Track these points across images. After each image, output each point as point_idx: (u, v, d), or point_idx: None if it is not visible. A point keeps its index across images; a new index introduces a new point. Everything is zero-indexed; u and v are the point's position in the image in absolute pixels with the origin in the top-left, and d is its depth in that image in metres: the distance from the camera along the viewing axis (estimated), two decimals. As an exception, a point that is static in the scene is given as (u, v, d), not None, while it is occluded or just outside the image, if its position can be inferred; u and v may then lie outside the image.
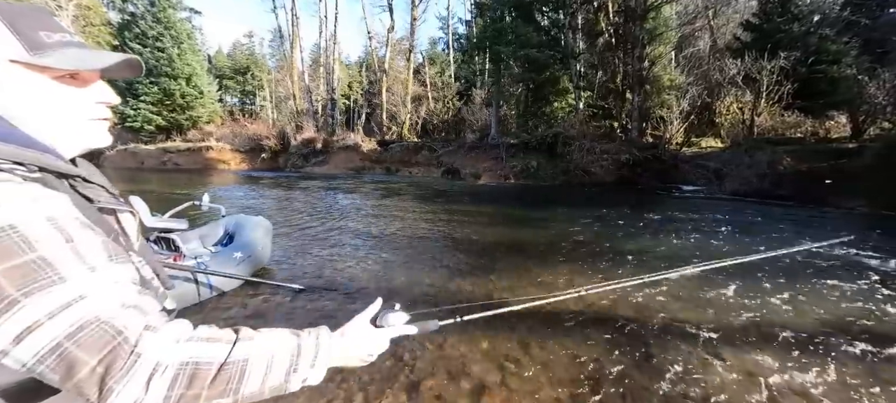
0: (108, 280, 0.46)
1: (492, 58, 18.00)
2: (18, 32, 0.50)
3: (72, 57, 0.53)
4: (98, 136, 0.59)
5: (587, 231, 6.03)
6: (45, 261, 0.42)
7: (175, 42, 22.71)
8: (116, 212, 0.61)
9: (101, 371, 0.42)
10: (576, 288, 1.43)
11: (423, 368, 2.34)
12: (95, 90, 0.57)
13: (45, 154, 0.51)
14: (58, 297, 0.41)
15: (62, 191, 0.50)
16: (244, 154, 22.03)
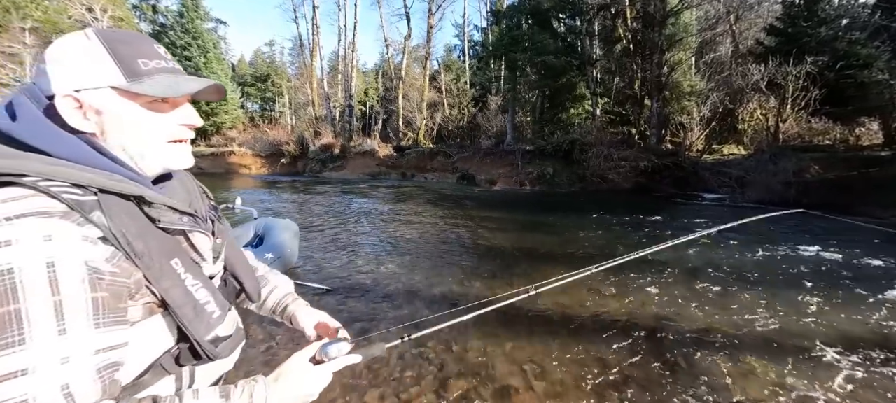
0: (65, 354, 0.43)
1: (508, 65, 18.08)
2: (119, 60, 0.53)
3: (164, 84, 0.55)
4: (179, 158, 0.61)
5: (604, 237, 6.02)
6: (18, 317, 0.40)
7: (202, 51, 23.67)
8: (186, 232, 0.60)
9: None
10: (528, 286, 1.44)
11: (449, 369, 2.42)
12: (181, 113, 0.60)
13: (114, 175, 0.52)
14: (5, 365, 0.40)
15: (111, 213, 0.49)
16: (264, 158, 22.67)
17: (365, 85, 33.99)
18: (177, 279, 0.55)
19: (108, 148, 0.55)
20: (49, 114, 0.52)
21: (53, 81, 0.51)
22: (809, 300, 3.50)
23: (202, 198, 0.72)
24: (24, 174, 0.46)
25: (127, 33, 0.57)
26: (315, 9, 24.10)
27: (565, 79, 16.39)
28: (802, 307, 3.36)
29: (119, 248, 0.49)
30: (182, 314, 0.55)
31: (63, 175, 0.48)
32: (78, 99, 0.52)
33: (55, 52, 0.52)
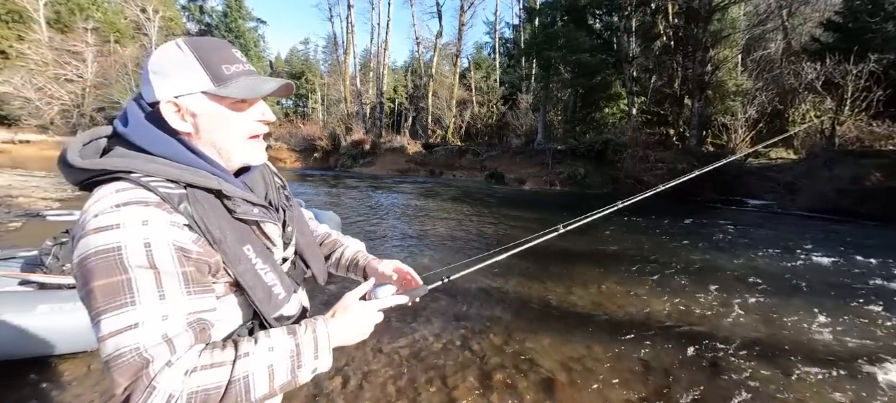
0: (164, 312, 0.52)
1: (540, 63, 17.84)
2: (207, 67, 0.61)
3: (245, 86, 0.63)
4: (255, 154, 0.69)
5: (639, 240, 5.88)
6: (128, 285, 0.51)
7: (243, 50, 24.76)
8: (259, 223, 0.68)
9: (126, 395, 0.49)
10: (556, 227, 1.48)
11: (493, 361, 2.49)
12: (257, 110, 0.68)
13: (199, 172, 0.61)
14: (122, 321, 0.50)
15: (197, 203, 0.59)
16: (298, 153, 23.53)
17: (395, 82, 34.51)
18: (248, 263, 0.63)
19: (200, 146, 0.64)
20: (152, 119, 0.61)
21: (156, 90, 0.60)
22: (871, 312, 3.30)
23: (277, 189, 0.80)
24: (130, 171, 0.56)
25: (212, 41, 0.65)
26: (350, 8, 24.70)
27: (600, 77, 15.99)
28: (866, 321, 3.18)
29: (201, 234, 0.58)
30: (253, 294, 0.63)
31: (159, 172, 0.58)
32: (177, 104, 0.61)
33: (155, 63, 0.61)
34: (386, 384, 2.22)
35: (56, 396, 1.98)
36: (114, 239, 0.51)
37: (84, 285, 0.51)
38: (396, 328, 2.90)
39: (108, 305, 0.50)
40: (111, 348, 0.49)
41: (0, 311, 1.91)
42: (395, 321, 3.01)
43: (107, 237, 0.51)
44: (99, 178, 0.57)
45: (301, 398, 2.09)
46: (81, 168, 0.57)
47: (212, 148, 0.64)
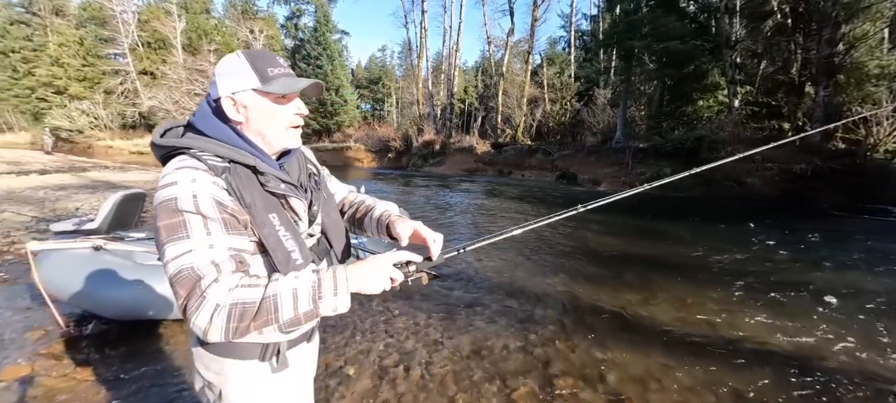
0: (210, 243, 0.67)
1: (621, 54, 16.49)
2: (256, 70, 0.77)
3: (284, 84, 0.78)
4: (292, 140, 0.84)
5: (734, 251, 5.09)
6: (183, 223, 0.67)
7: (329, 60, 27.30)
8: (286, 196, 0.81)
9: (184, 303, 0.64)
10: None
11: (556, 367, 2.39)
12: (295, 105, 0.83)
13: (240, 150, 0.76)
14: (179, 248, 0.66)
15: (236, 174, 0.73)
16: (374, 153, 25.10)
17: (465, 83, 34.85)
18: (272, 228, 0.76)
19: (247, 134, 0.80)
20: (213, 111, 0.79)
21: (219, 88, 0.77)
22: None
23: (309, 175, 0.94)
24: (189, 147, 0.74)
25: (261, 52, 0.81)
26: (424, 13, 25.59)
27: (693, 66, 14.21)
28: None
29: (236, 198, 0.73)
30: (274, 255, 0.75)
31: (210, 149, 0.74)
32: (233, 99, 0.77)
33: (220, 69, 0.78)
34: (446, 377, 2.27)
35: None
36: (172, 192, 0.67)
37: (155, 225, 0.69)
38: (458, 324, 2.95)
39: (169, 238, 0.66)
40: (174, 268, 0.65)
41: (150, 280, 2.47)
42: (457, 315, 3.06)
43: (168, 191, 0.68)
44: (172, 153, 0.75)
45: (367, 380, 2.25)
46: (161, 145, 0.77)
47: (257, 135, 0.80)
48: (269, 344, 0.85)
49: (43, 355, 2.40)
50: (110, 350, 2.45)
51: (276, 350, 0.86)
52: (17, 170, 14.53)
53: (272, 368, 0.86)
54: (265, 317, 0.65)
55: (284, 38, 35.44)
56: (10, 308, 3.01)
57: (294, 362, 0.91)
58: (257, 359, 0.85)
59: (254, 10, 38.12)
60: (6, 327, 2.72)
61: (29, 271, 2.62)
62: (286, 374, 0.89)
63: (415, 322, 2.97)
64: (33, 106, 29.38)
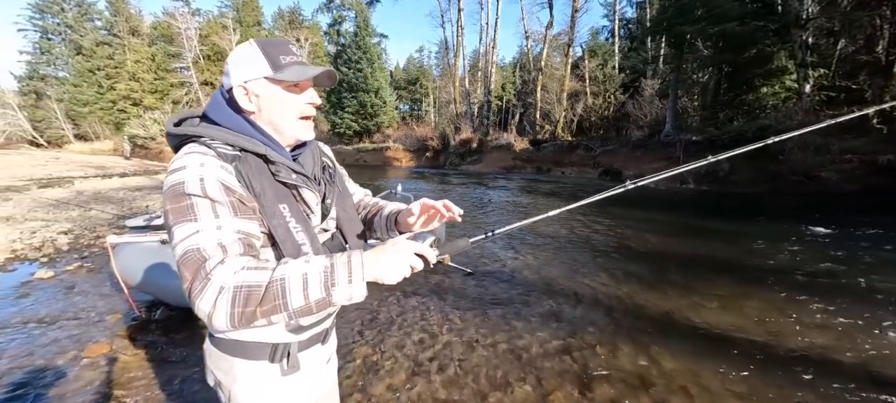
0: (218, 224, 0.65)
1: (671, 41, 15.45)
2: (268, 57, 0.75)
3: (296, 72, 0.76)
4: (305, 131, 0.82)
5: (807, 252, 4.56)
6: (191, 206, 0.65)
7: (369, 63, 28.14)
8: (298, 187, 0.79)
9: (190, 286, 0.61)
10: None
11: (595, 372, 2.29)
12: (307, 95, 0.81)
13: (252, 139, 0.75)
14: (186, 230, 0.64)
15: (246, 163, 0.72)
16: (412, 153, 25.54)
17: (502, 79, 34.39)
18: (282, 219, 0.74)
19: (260, 123, 0.78)
20: (225, 101, 0.78)
21: (232, 78, 0.76)
22: None
23: (323, 168, 0.91)
24: (200, 136, 0.74)
25: (274, 39, 0.79)
26: (460, 11, 25.57)
27: (755, 49, 12.95)
28: None
29: (246, 186, 0.71)
30: (283, 247, 0.73)
31: (220, 137, 0.73)
32: (245, 88, 0.76)
33: (232, 59, 0.77)
34: (480, 374, 2.26)
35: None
36: (180, 177, 0.67)
37: (163, 208, 0.69)
38: (493, 321, 2.92)
39: (177, 220, 0.66)
40: (181, 250, 0.64)
41: None
42: (492, 313, 3.03)
43: (176, 175, 0.68)
44: (184, 142, 0.76)
45: (402, 374, 2.29)
46: (174, 134, 0.77)
47: (269, 125, 0.79)
48: (279, 344, 0.82)
49: (119, 336, 2.70)
50: (174, 334, 2.70)
51: (286, 351, 0.83)
52: (103, 173, 16.44)
53: (282, 370, 0.83)
54: (272, 303, 0.61)
55: (327, 45, 37.08)
56: (95, 294, 3.43)
57: (306, 365, 0.87)
58: (267, 360, 0.82)
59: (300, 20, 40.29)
60: (91, 310, 3.09)
61: (109, 262, 2.96)
62: (298, 378, 0.85)
63: (449, 318, 2.98)
64: (115, 116, 33.16)
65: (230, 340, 0.81)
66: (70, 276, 3.89)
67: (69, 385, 2.17)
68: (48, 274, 3.88)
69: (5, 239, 5.07)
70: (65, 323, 2.87)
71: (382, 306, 3.14)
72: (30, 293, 3.44)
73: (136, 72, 33.26)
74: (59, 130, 33.08)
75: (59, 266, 4.18)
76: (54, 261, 4.35)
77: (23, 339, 2.64)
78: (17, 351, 2.49)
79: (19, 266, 4.21)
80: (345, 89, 28.14)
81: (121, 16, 34.07)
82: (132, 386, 2.16)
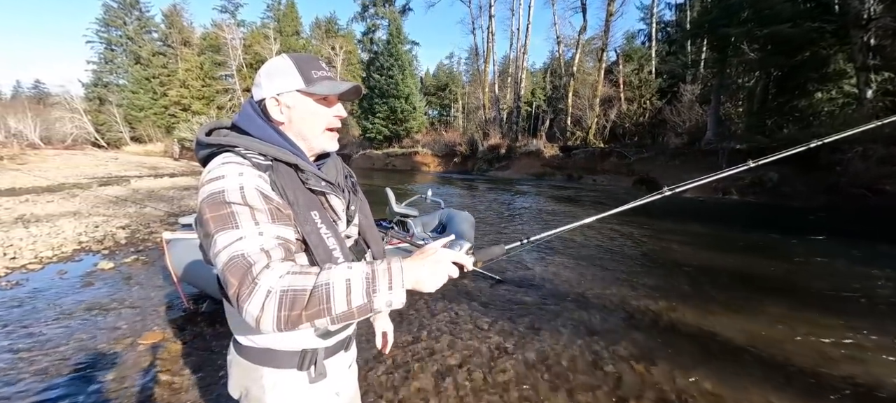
0: (260, 231, 0.67)
1: (713, 44, 14.71)
2: (301, 72, 0.79)
3: (327, 86, 0.80)
4: (330, 142, 0.86)
5: (880, 277, 4.17)
6: (232, 213, 0.67)
7: (400, 70, 28.74)
8: (325, 194, 0.83)
9: (237, 291, 0.62)
10: None
11: (628, 388, 2.22)
12: (335, 108, 0.85)
13: (283, 150, 0.77)
14: (230, 237, 0.66)
15: (279, 172, 0.75)
16: (441, 158, 25.73)
17: (533, 85, 34.03)
18: (314, 225, 0.76)
19: (289, 134, 0.81)
20: (256, 112, 0.81)
21: (264, 89, 0.80)
22: None
23: (345, 177, 0.95)
24: (235, 146, 0.75)
25: (306, 55, 0.83)
26: (491, 18, 25.64)
27: (809, 52, 12.07)
28: None
29: (281, 195, 0.74)
30: (316, 253, 0.75)
31: (254, 147, 0.76)
32: (278, 99, 0.80)
33: (268, 69, 0.80)
34: (509, 383, 2.24)
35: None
36: (220, 185, 0.69)
37: (201, 218, 0.70)
38: (522, 330, 2.89)
39: (219, 228, 0.67)
40: (225, 257, 0.65)
41: None
42: (522, 322, 3.00)
43: (215, 185, 0.69)
44: (216, 152, 0.77)
45: (431, 377, 2.31)
46: (206, 144, 0.79)
47: (298, 136, 0.82)
48: (307, 351, 0.85)
49: (171, 325, 2.90)
50: (220, 326, 2.88)
51: (313, 358, 0.86)
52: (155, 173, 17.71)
53: (310, 378, 0.85)
54: (317, 307, 0.62)
55: (361, 52, 38.24)
56: (149, 285, 3.71)
57: (332, 372, 0.90)
58: (295, 368, 0.84)
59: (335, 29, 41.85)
60: (146, 300, 3.35)
61: (163, 256, 3.20)
62: (325, 385, 0.88)
63: (479, 325, 2.98)
64: (166, 121, 35.81)
65: (258, 348, 0.84)
66: (127, 268, 4.23)
67: (126, 368, 2.36)
68: (109, 265, 4.25)
69: (73, 232, 5.59)
70: (123, 311, 3.13)
71: (412, 309, 3.19)
72: (93, 282, 3.78)
73: (186, 80, 35.83)
74: (118, 133, 36.11)
75: (118, 258, 4.56)
76: (114, 254, 4.75)
77: (88, 325, 2.91)
78: (82, 335, 2.74)
79: (85, 256, 4.64)
80: (376, 95, 28.85)
81: (175, 28, 36.87)
82: (181, 373, 2.32)
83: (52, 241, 5.07)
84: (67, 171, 16.07)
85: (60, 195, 9.61)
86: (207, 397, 2.10)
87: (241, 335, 0.86)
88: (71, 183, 12.83)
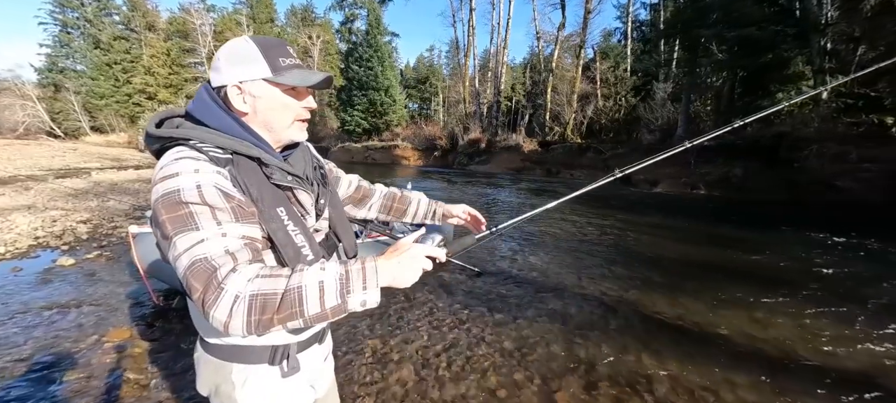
0: (222, 232, 0.62)
1: (685, 44, 15.27)
2: (268, 59, 0.72)
3: (297, 76, 0.74)
4: (299, 134, 0.80)
5: (835, 268, 4.49)
6: (190, 215, 0.62)
7: (380, 61, 28.29)
8: (292, 189, 0.77)
9: (202, 296, 0.58)
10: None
11: (600, 371, 2.31)
12: (306, 100, 0.79)
13: (244, 143, 0.71)
14: (190, 239, 0.61)
15: (240, 167, 0.70)
16: (421, 152, 25.60)
17: (513, 80, 34.29)
18: (280, 223, 0.72)
19: (252, 125, 0.75)
20: (214, 100, 0.73)
21: (225, 76, 0.72)
22: None
23: (314, 169, 0.89)
24: (189, 139, 0.69)
25: (272, 39, 0.75)
26: (472, 12, 25.56)
27: (772, 54, 12.73)
28: None
29: (243, 191, 0.69)
30: (284, 251, 0.71)
31: (211, 140, 0.69)
32: (240, 88, 0.72)
33: (226, 55, 0.73)
34: (487, 372, 2.29)
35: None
36: (174, 184, 0.63)
37: (156, 219, 0.64)
38: (500, 320, 2.94)
39: (177, 230, 0.62)
40: (187, 261, 0.60)
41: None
42: (500, 312, 3.06)
43: (169, 183, 0.63)
44: (168, 145, 0.71)
45: (411, 368, 2.33)
46: (156, 136, 0.71)
47: (263, 127, 0.76)
48: (279, 346, 0.82)
49: (139, 322, 2.79)
50: (190, 321, 2.78)
51: (285, 352, 0.82)
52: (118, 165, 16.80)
53: (282, 372, 0.82)
54: (289, 310, 0.60)
55: (339, 42, 37.37)
56: (114, 281, 3.54)
57: (306, 365, 0.87)
58: (267, 363, 0.81)
59: (312, 17, 40.66)
60: (112, 297, 3.20)
61: (129, 251, 3.05)
62: (298, 379, 0.85)
63: (457, 316, 3.02)
64: (130, 110, 33.88)
65: (227, 345, 0.80)
66: (90, 264, 4.02)
67: (92, 367, 2.26)
68: (69, 261, 4.02)
69: (28, 227, 5.25)
70: (86, 309, 2.98)
71: (392, 302, 3.19)
72: (52, 279, 3.57)
73: (151, 67, 33.95)
74: (76, 122, 33.90)
75: (79, 253, 4.32)
76: (75, 249, 4.50)
77: (48, 323, 2.75)
78: (42, 334, 2.60)
79: (42, 252, 4.37)
80: (355, 87, 28.34)
81: (138, 11, 34.79)
82: (149, 371, 2.24)
83: (4, 237, 4.74)
84: (20, 162, 15.00)
85: (12, 188, 8.97)
86: (178, 395, 2.04)
87: (208, 333, 0.82)
88: (24, 174, 11.98)
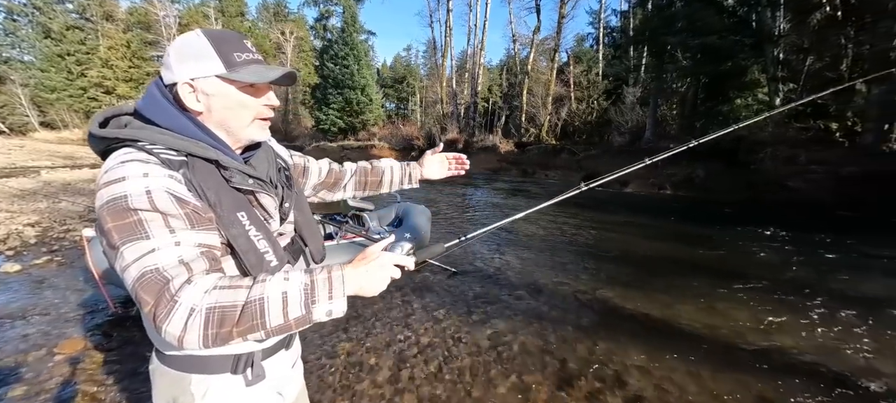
0: (176, 240, 0.58)
1: (652, 50, 15.93)
2: (221, 54, 0.66)
3: (253, 72, 0.68)
4: (260, 133, 0.75)
5: (788, 262, 4.82)
6: (139, 223, 0.57)
7: (356, 60, 27.85)
8: (254, 192, 0.73)
9: (153, 310, 0.55)
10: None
11: (573, 367, 2.37)
12: (265, 96, 0.73)
13: (200, 143, 0.66)
14: (139, 249, 0.56)
15: (196, 170, 0.65)
16: (398, 151, 25.39)
17: (490, 81, 34.67)
18: (242, 228, 0.68)
19: (208, 124, 0.70)
20: (166, 98, 0.68)
21: (175, 72, 0.66)
22: None
23: (279, 170, 0.84)
24: (136, 139, 0.63)
25: (226, 32, 0.70)
26: (449, 12, 25.64)
27: (731, 62, 13.51)
28: None
29: (199, 196, 0.64)
30: (245, 258, 0.68)
31: (162, 141, 0.64)
32: (192, 85, 0.67)
33: (176, 50, 0.67)
34: (464, 371, 2.30)
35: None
36: (120, 189, 0.58)
37: (102, 228, 0.58)
38: (476, 320, 2.97)
39: (125, 239, 0.57)
40: (136, 272, 0.56)
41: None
42: (476, 311, 3.08)
43: (115, 188, 0.58)
44: (114, 146, 0.65)
45: (386, 370, 2.31)
46: (101, 136, 0.65)
47: (220, 126, 0.71)
48: (242, 355, 0.76)
49: (94, 332, 2.62)
50: (152, 330, 2.64)
51: (249, 360, 0.77)
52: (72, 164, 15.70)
53: (246, 381, 0.77)
54: (250, 322, 0.57)
55: (313, 39, 36.50)
56: (67, 288, 3.30)
57: (272, 372, 0.82)
58: (229, 372, 0.75)
59: (285, 13, 39.51)
60: (63, 305, 2.98)
61: (83, 256, 2.86)
62: (264, 387, 0.80)
63: (434, 316, 3.02)
64: (85, 105, 31.68)
65: (184, 356, 0.74)
66: (39, 270, 3.73)
67: (41, 382, 2.10)
68: (15, 267, 3.72)
69: (-34, 231, 4.81)
70: (35, 319, 2.77)
71: (367, 304, 3.15)
72: (-5, 287, 3.29)
73: (109, 59, 31.87)
74: (24, 117, 31.39)
75: (26, 259, 4.01)
76: (21, 255, 4.17)
77: (-12, 335, 2.53)
78: (-19, 347, 2.39)
79: (-18, 258, 4.01)
80: (330, 85, 27.80)
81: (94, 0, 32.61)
82: (106, 383, 2.11)
83: (-62, 241, 4.33)
84: (-43, 160, 13.72)
85: (-52, 187, 8.20)
86: (140, 406, 1.93)
87: (163, 344, 0.76)
88: (-38, 173, 10.99)
